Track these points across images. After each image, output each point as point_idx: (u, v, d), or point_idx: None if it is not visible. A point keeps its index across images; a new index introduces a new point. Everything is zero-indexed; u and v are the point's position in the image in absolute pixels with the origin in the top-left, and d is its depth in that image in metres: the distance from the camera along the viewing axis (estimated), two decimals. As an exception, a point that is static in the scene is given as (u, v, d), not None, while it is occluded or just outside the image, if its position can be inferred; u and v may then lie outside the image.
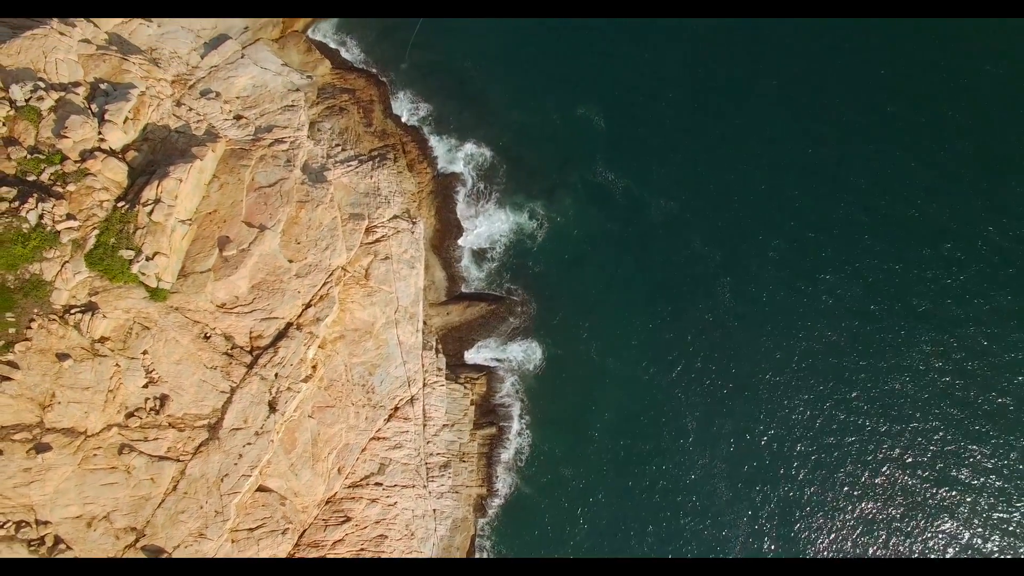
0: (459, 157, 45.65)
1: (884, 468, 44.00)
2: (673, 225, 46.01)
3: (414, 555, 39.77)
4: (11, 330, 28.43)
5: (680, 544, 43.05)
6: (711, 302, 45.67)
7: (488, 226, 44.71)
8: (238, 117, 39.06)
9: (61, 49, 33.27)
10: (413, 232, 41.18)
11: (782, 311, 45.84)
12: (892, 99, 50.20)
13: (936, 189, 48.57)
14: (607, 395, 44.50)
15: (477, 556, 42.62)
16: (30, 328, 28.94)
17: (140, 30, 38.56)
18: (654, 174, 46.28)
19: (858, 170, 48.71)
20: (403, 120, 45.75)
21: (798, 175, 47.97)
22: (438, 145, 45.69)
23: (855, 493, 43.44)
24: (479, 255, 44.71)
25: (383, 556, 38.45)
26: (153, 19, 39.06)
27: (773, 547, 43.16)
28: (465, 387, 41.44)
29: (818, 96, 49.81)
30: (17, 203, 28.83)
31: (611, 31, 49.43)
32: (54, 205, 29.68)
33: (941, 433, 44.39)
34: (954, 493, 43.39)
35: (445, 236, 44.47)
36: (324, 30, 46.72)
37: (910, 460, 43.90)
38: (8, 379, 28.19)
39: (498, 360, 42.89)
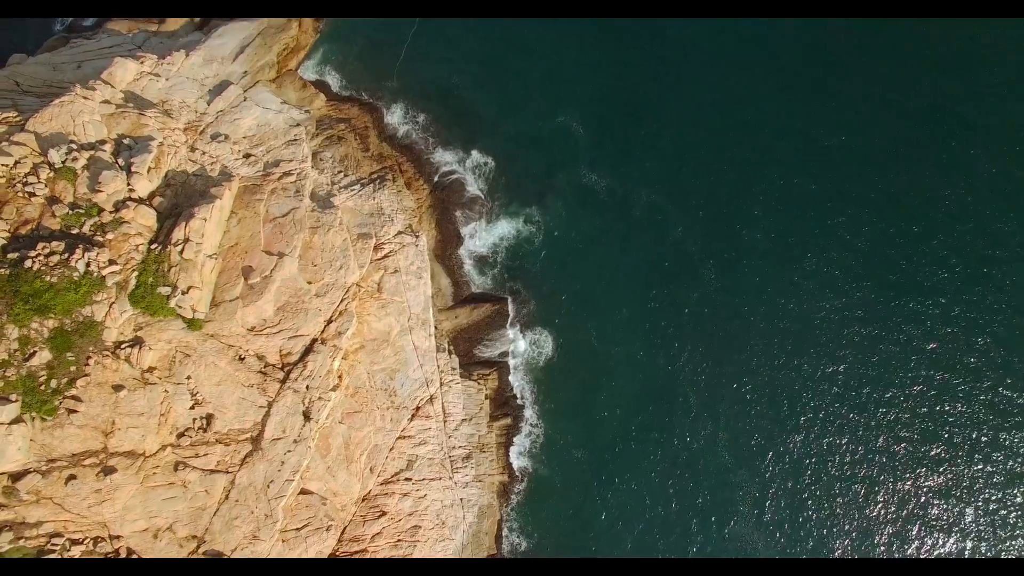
0: (452, 171, 49.06)
1: (875, 431, 47.68)
2: (657, 216, 49.45)
3: (446, 542, 43.17)
4: (72, 368, 31.82)
5: (691, 513, 46.47)
6: (698, 283, 49.11)
7: (486, 233, 48.16)
8: (247, 155, 42.49)
9: (86, 112, 36.70)
10: (417, 245, 44.57)
11: (764, 286, 49.36)
12: (845, 81, 53.61)
13: (910, 159, 52.14)
14: (611, 378, 47.93)
15: (505, 539, 46.00)
16: (88, 364, 32.33)
17: (150, 85, 41.99)
18: (634, 171, 49.74)
19: (829, 152, 52.21)
20: (397, 141, 49.17)
21: (770, 161, 51.47)
22: (431, 162, 49.07)
23: (848, 455, 47.17)
24: (480, 261, 48.14)
25: (418, 545, 41.86)
26: (161, 72, 42.49)
27: (774, 508, 46.54)
28: (479, 383, 44.89)
29: (785, 89, 53.15)
30: (66, 255, 32.22)
31: (584, 36, 52.63)
32: (97, 253, 33.07)
33: (931, 396, 48.05)
34: (946, 451, 47.11)
35: (447, 246, 47.90)
36: (313, 66, 50.06)
37: (901, 424, 47.58)
38: (74, 411, 31.59)
39: (507, 355, 46.37)
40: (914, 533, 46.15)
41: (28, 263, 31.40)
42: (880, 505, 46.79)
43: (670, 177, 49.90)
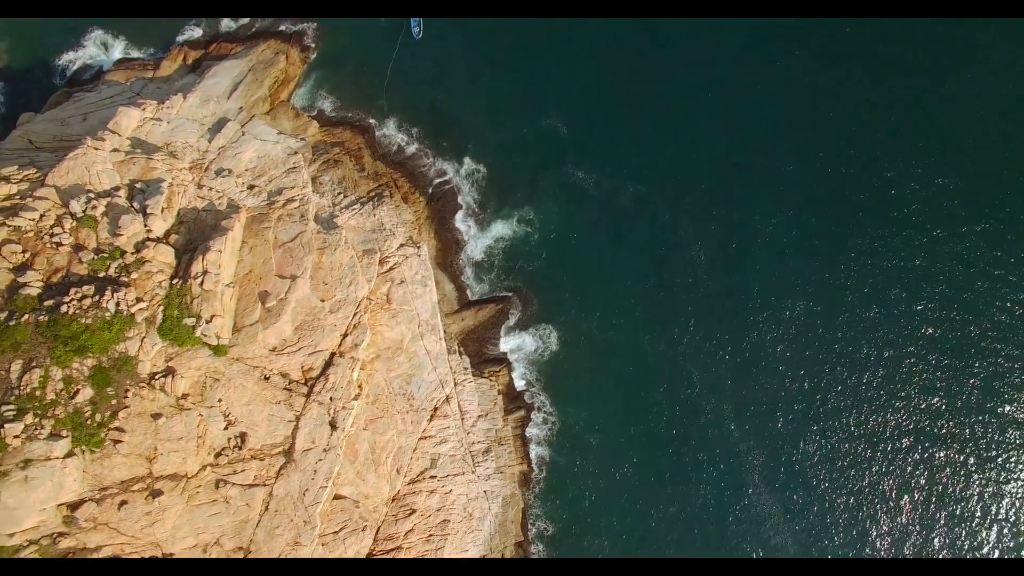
0: (445, 181, 51.44)
1: (869, 386, 50.17)
2: (643, 205, 51.86)
3: (475, 533, 45.53)
4: (113, 401, 34.18)
5: (701, 481, 48.89)
6: (690, 265, 51.57)
7: (483, 237, 50.58)
8: (251, 187, 44.85)
9: (99, 162, 39.04)
10: (419, 255, 46.91)
11: (754, 263, 51.81)
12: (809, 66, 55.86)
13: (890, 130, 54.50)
14: (616, 364, 50.40)
15: (531, 525, 48.36)
16: (127, 397, 34.70)
17: (154, 129, 44.34)
18: (619, 165, 52.16)
19: (793, 128, 54.55)
20: (390, 158, 51.48)
21: (744, 143, 53.86)
22: (425, 175, 51.42)
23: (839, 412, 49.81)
24: (480, 264, 50.55)
25: (449, 538, 44.22)
26: (162, 116, 44.83)
27: (783, 472, 48.98)
28: (490, 380, 47.30)
29: (752, 75, 55.47)
30: (97, 297, 34.58)
31: (559, 42, 54.83)
32: (125, 293, 35.41)
33: (920, 355, 50.64)
34: (929, 417, 49.75)
35: (447, 253, 50.29)
36: (304, 95, 52.31)
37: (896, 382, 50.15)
38: (119, 441, 33.96)
39: (514, 351, 48.79)
40: (920, 484, 48.76)
41: (63, 308, 33.76)
42: (884, 460, 49.27)
43: (653, 168, 52.33)
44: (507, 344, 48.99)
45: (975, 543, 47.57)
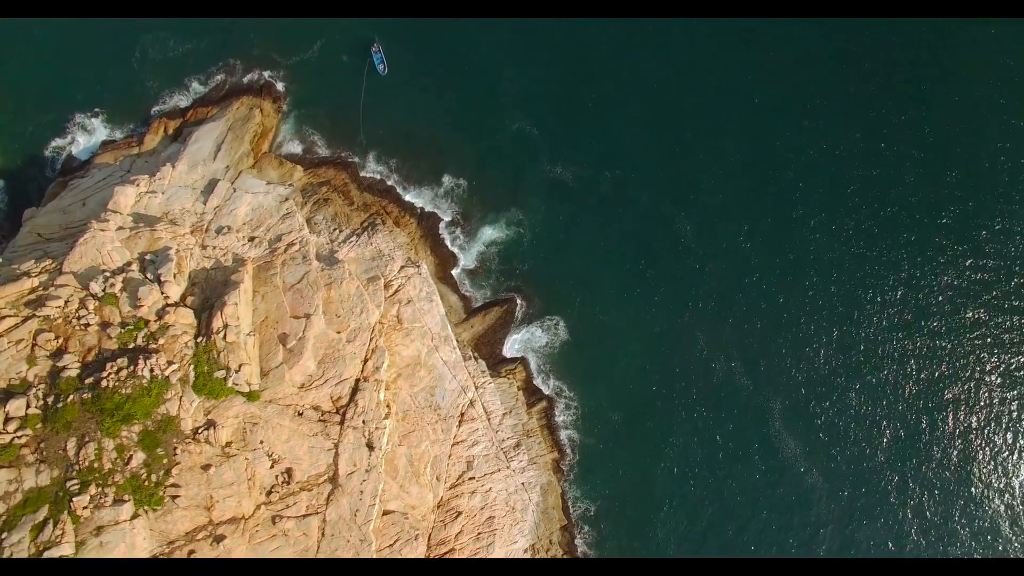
0: (432, 200, 53.73)
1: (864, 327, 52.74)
2: (622, 188, 54.25)
3: (521, 524, 47.85)
4: (165, 460, 36.50)
5: (724, 435, 51.31)
6: (677, 236, 54.00)
7: (476, 246, 52.91)
8: (251, 239, 47.17)
9: (107, 242, 41.34)
10: (420, 273, 49.21)
11: (740, 226, 54.30)
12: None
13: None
14: (624, 342, 52.84)
15: (571, 508, 50.62)
16: (176, 454, 37.00)
17: (150, 202, 46.67)
18: (590, 155, 54.60)
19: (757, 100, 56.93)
20: (376, 188, 53.71)
21: (707, 118, 56.34)
22: (411, 197, 53.69)
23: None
24: (478, 272, 52.91)
25: (497, 532, 46.53)
26: (156, 188, 47.14)
27: (802, 413, 51.40)
28: (508, 378, 49.65)
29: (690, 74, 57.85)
30: (131, 367, 36.89)
31: (512, 47, 57.07)
32: (156, 358, 37.71)
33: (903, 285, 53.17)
34: (918, 352, 52.32)
35: (446, 266, 52.59)
36: (284, 143, 54.42)
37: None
38: (177, 496, 36.29)
39: (526, 346, 51.17)
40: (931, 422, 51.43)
41: (103, 383, 36.06)
42: (895, 395, 51.82)
43: (623, 152, 54.83)
44: (518, 341, 51.34)
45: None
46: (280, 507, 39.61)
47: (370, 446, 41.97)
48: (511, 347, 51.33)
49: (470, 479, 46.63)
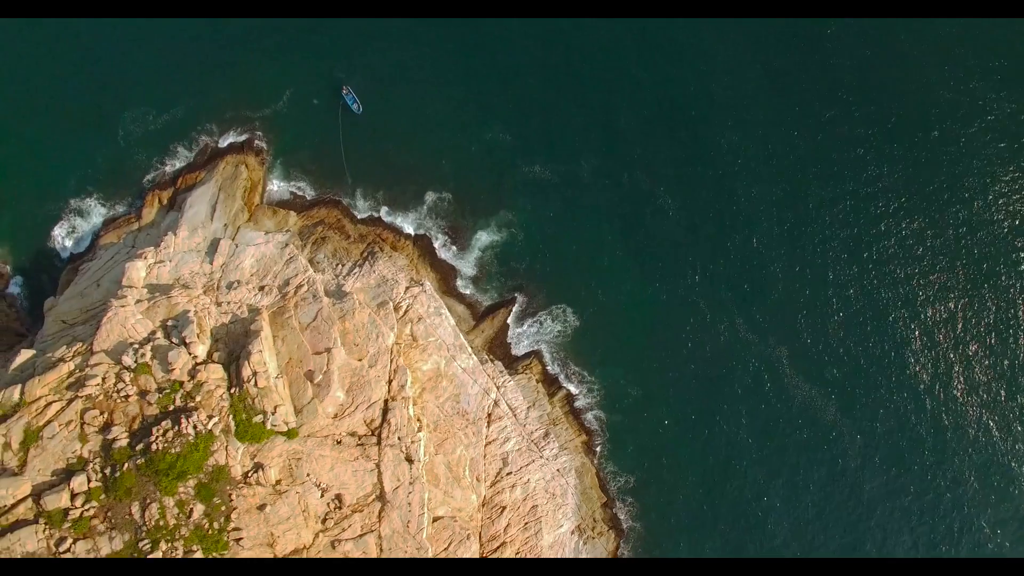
0: (423, 219, 55.98)
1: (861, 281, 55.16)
2: (601, 175, 56.56)
3: (564, 508, 50.20)
4: (223, 508, 38.92)
5: (741, 386, 53.64)
6: (662, 210, 56.30)
7: (473, 254, 55.21)
8: (261, 288, 49.53)
9: (130, 316, 43.75)
10: (425, 291, 51.54)
11: (720, 192, 56.77)
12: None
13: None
14: (630, 319, 55.23)
15: (608, 486, 52.84)
16: (232, 500, 39.42)
17: (160, 271, 49.01)
18: (567, 149, 57.00)
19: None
20: (368, 218, 55.92)
21: (669, 92, 58.61)
22: (402, 220, 55.87)
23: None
24: (480, 278, 55.20)
25: (542, 519, 48.87)
26: (163, 257, 49.53)
27: (810, 357, 53.69)
28: (526, 373, 52.04)
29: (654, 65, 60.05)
30: (176, 428, 39.32)
31: (471, 58, 59.28)
32: (197, 415, 40.11)
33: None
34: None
35: (448, 279, 54.91)
36: (274, 193, 56.63)
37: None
38: (240, 539, 38.69)
39: (538, 339, 53.46)
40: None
41: (153, 447, 38.49)
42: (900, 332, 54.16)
43: (596, 139, 57.13)
44: (529, 336, 53.67)
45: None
46: (336, 532, 42.01)
47: (409, 459, 44.33)
48: (523, 343, 53.63)
49: (508, 474, 48.98)
